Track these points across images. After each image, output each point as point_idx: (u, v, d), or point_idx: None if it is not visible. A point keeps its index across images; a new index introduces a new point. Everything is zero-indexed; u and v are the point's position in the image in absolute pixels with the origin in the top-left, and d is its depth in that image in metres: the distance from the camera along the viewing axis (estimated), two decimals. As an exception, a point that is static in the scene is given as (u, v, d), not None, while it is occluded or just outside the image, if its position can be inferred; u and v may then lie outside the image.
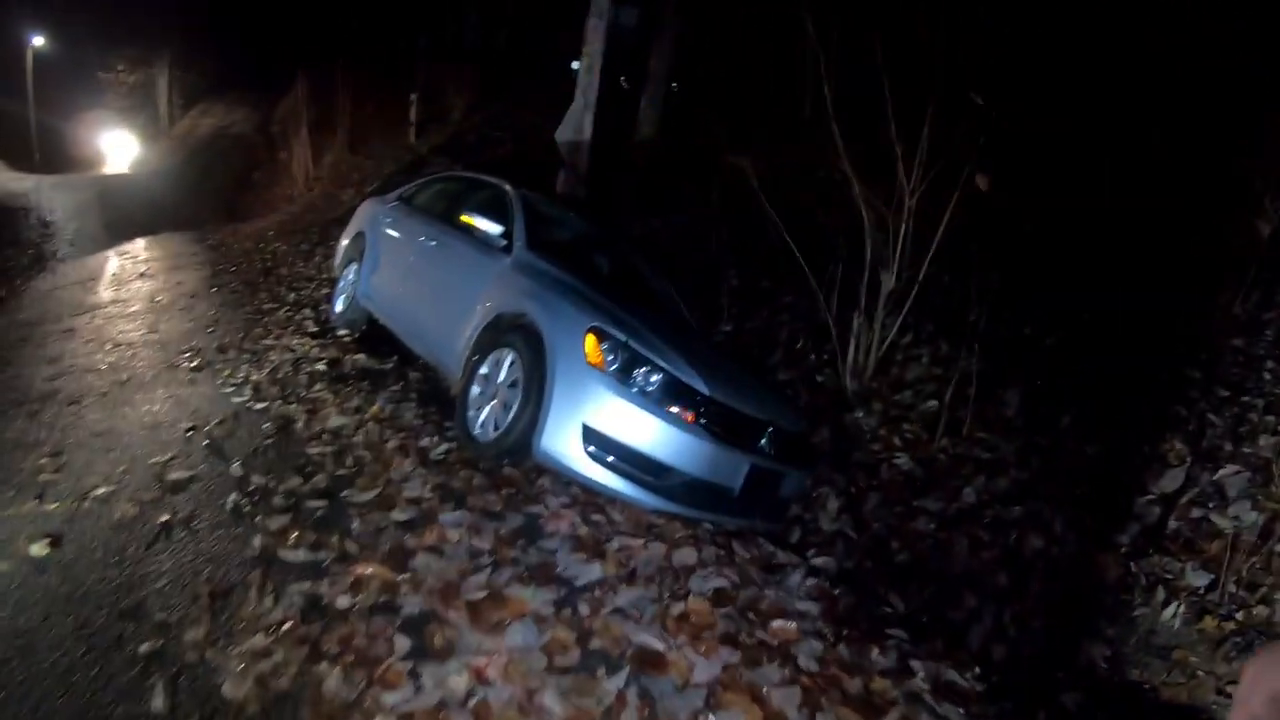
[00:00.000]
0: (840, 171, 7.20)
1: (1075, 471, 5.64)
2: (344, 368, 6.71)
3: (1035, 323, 7.52)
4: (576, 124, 10.99)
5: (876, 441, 6.52)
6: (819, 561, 5.17)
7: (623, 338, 4.73)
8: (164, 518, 4.22)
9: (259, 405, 5.82)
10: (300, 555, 3.85)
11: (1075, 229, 8.38)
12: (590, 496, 4.86)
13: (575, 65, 20.82)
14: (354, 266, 7.99)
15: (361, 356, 6.97)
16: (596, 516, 4.66)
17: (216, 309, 9.07)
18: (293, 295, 9.85)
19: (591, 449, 4.60)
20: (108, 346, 7.60)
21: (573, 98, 11.23)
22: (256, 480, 4.60)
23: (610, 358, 4.69)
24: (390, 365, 6.85)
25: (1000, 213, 7.71)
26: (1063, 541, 5.12)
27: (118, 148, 27.48)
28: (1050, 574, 4.95)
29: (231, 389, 6.19)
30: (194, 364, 6.86)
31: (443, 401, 6.02)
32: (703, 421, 4.77)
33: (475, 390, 5.31)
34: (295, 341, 7.44)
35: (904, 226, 6.91)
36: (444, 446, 5.18)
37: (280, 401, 5.87)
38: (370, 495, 4.48)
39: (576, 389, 4.65)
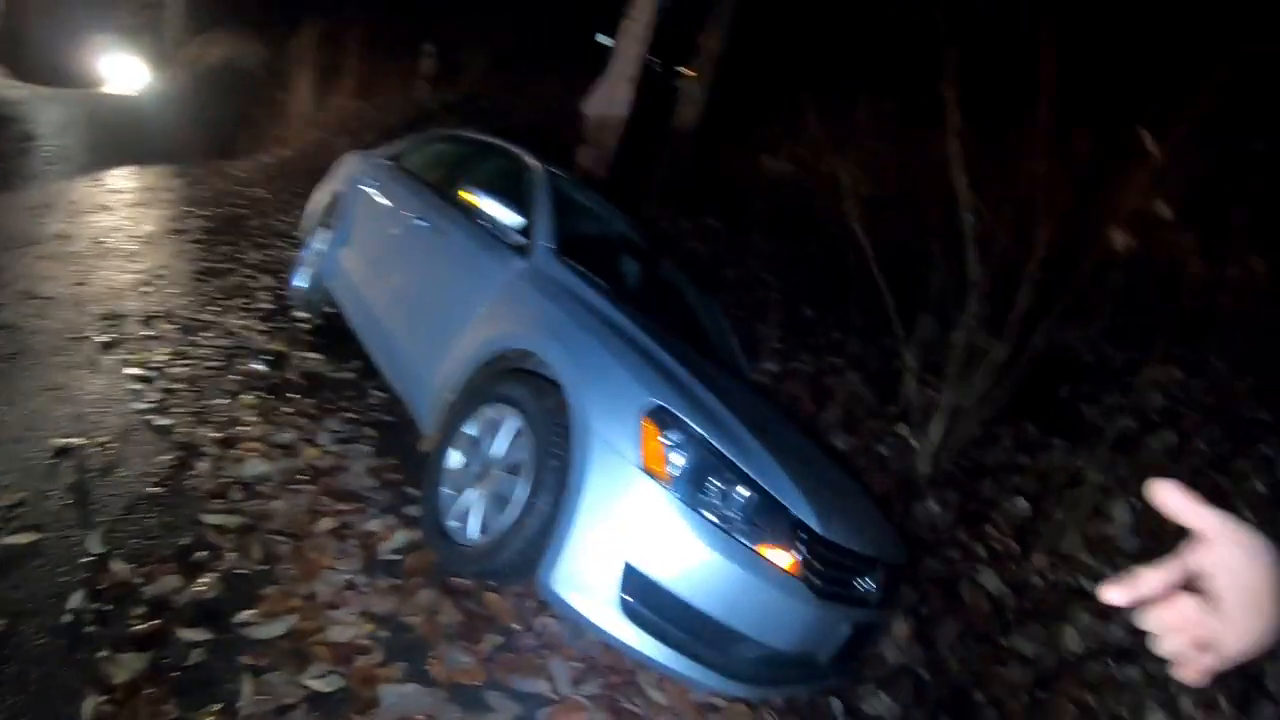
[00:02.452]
0: (950, 188, 5.49)
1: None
2: (288, 371, 4.99)
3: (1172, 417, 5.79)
4: (610, 96, 9.04)
5: (954, 546, 4.98)
6: (880, 707, 3.97)
7: (699, 430, 2.97)
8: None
9: (161, 420, 4.06)
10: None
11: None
12: (618, 659, 3.19)
13: (600, 38, 19.48)
14: (322, 234, 6.18)
15: (314, 357, 5.27)
16: (630, 705, 3.02)
17: (165, 261, 7.25)
18: (257, 255, 8.08)
19: (631, 601, 2.88)
20: (19, 298, 5.74)
21: (599, 72, 9.37)
22: (117, 570, 2.88)
23: (677, 459, 2.92)
24: (348, 375, 5.13)
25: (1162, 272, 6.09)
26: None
27: (121, 69, 25.55)
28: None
29: (137, 386, 4.42)
30: (106, 337, 5.04)
31: (410, 452, 4.27)
32: (807, 573, 3.05)
33: (455, 459, 3.55)
34: (239, 322, 5.68)
35: (1029, 279, 5.25)
36: (402, 537, 3.49)
37: (191, 418, 4.14)
38: (278, 630, 2.76)
39: (617, 503, 2.90)
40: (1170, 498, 1.03)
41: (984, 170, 5.59)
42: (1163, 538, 4.75)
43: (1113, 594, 1.02)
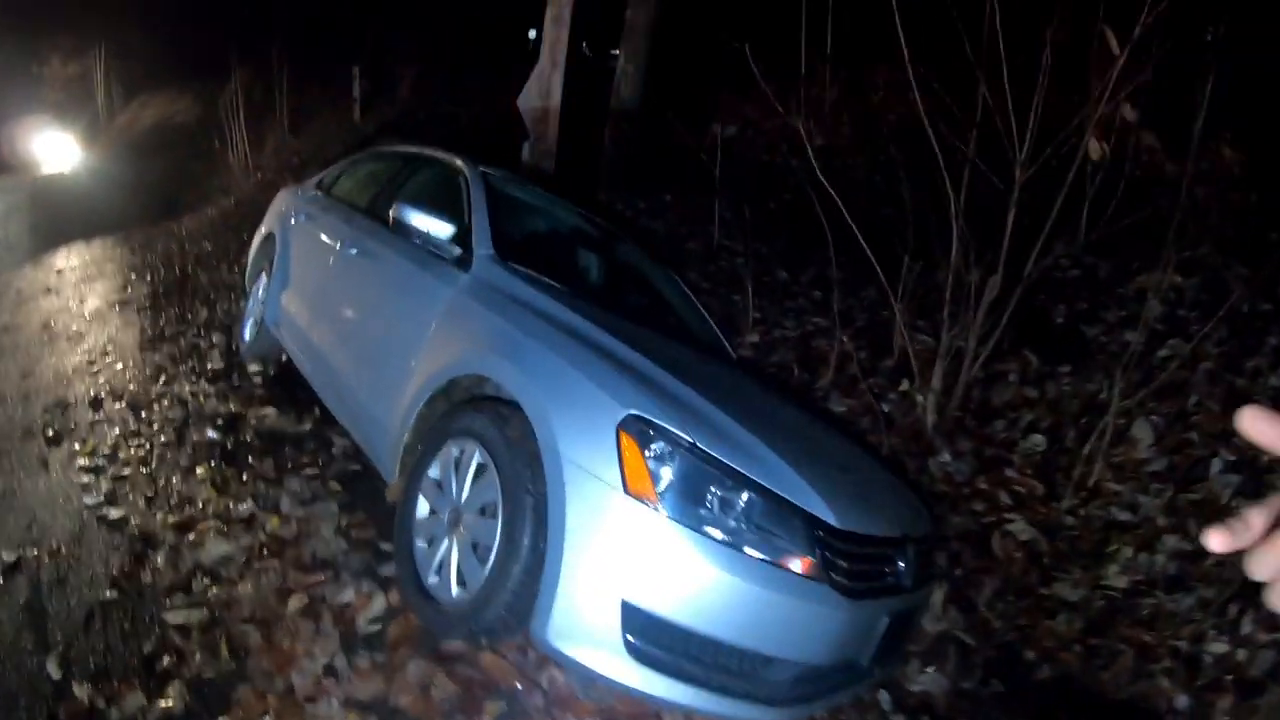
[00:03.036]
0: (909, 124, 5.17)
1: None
2: (244, 433, 4.61)
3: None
4: (543, 87, 8.59)
5: (977, 498, 4.68)
6: (926, 682, 3.62)
7: (683, 435, 2.58)
8: None
9: (114, 513, 3.72)
10: None
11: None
12: (638, 706, 2.84)
13: (532, 33, 19.07)
14: (263, 279, 5.78)
15: (269, 412, 4.87)
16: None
17: (112, 335, 6.87)
18: (205, 312, 7.65)
19: (636, 641, 2.48)
20: (-35, 403, 5.40)
21: (530, 66, 8.99)
22: (79, 695, 2.55)
23: (663, 473, 2.53)
24: (307, 427, 4.74)
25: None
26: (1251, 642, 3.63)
27: (54, 148, 25.01)
28: (1246, 688, 3.51)
29: (88, 478, 4.07)
30: (53, 430, 4.68)
31: (380, 501, 3.89)
32: (831, 573, 2.65)
33: (422, 508, 3.16)
34: (190, 387, 5.29)
35: (1011, 211, 4.93)
36: (380, 604, 3.10)
37: (145, 504, 3.80)
38: (254, 736, 2.38)
39: (603, 535, 2.52)
40: (1262, 426, 0.79)
41: (941, 95, 5.25)
42: (1189, 450, 4.60)
43: (1215, 541, 0.79)
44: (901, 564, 3.03)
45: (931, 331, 5.59)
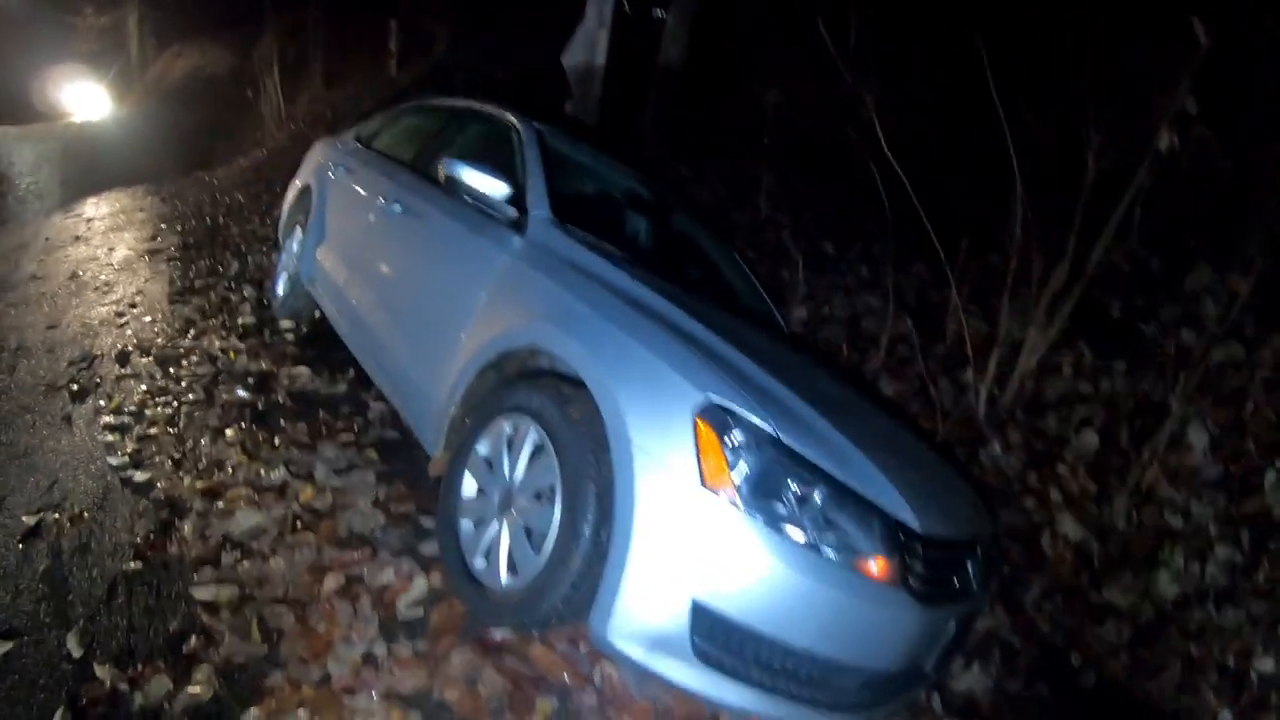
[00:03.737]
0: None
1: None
2: (275, 393, 4.41)
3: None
4: (588, 44, 8.31)
5: (1027, 494, 4.51)
6: (969, 681, 3.48)
7: (766, 427, 2.37)
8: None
9: (139, 476, 3.51)
10: None
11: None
12: (696, 708, 2.64)
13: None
14: (298, 234, 5.55)
15: (303, 371, 4.67)
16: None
17: (140, 287, 6.68)
18: (237, 264, 7.45)
19: (703, 644, 2.29)
20: (-15, 349, 5.23)
21: (570, 23, 8.72)
22: (101, 676, 2.35)
23: (741, 466, 2.32)
24: (341, 389, 4.54)
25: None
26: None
27: (86, 98, 24.89)
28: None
29: (112, 438, 3.86)
30: (77, 384, 4.51)
31: (420, 471, 3.68)
32: (910, 578, 2.46)
33: (469, 487, 2.95)
34: (219, 343, 5.08)
35: (1083, 200, 4.72)
36: (421, 585, 2.89)
37: (172, 466, 3.59)
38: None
39: (676, 530, 2.31)
40: None
41: (1014, 72, 5.01)
42: (1245, 459, 4.45)
43: None
44: (971, 568, 2.86)
45: (984, 317, 5.37)
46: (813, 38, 5.57)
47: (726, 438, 2.33)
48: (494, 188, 3.46)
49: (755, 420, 2.37)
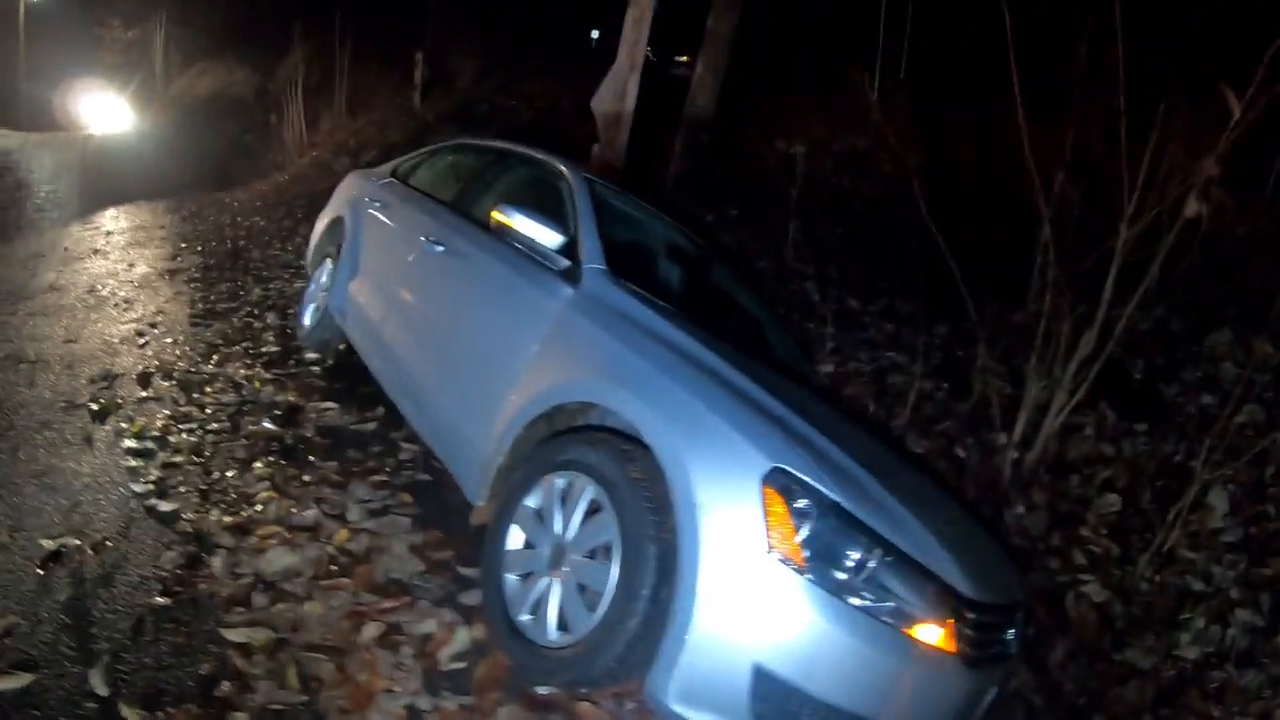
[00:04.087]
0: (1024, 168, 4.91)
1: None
2: (303, 427, 4.33)
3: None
4: (618, 89, 8.27)
5: (1051, 555, 4.48)
6: None
7: (830, 495, 2.36)
8: None
9: (165, 505, 3.42)
10: None
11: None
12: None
13: (595, 34, 18.88)
14: (328, 265, 5.49)
15: (331, 407, 4.59)
16: None
17: (161, 306, 6.64)
18: (258, 290, 7.40)
19: (763, 708, 2.28)
20: (7, 364, 5.09)
21: (592, 66, 8.70)
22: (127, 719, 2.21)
23: (805, 531, 2.32)
24: (371, 427, 4.46)
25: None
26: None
27: (108, 111, 24.95)
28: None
29: (135, 463, 3.77)
30: (98, 404, 4.41)
31: (455, 517, 3.61)
32: (960, 644, 2.47)
33: (516, 539, 2.89)
34: (244, 371, 5.03)
35: (1115, 266, 4.69)
36: (464, 637, 2.82)
37: (199, 498, 3.50)
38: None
39: (742, 595, 2.31)
40: None
41: (1040, 138, 5.01)
42: (1265, 522, 4.49)
43: None
44: (1012, 632, 2.88)
45: (1009, 377, 5.34)
46: (842, 91, 5.59)
47: (793, 505, 2.33)
48: (548, 237, 3.44)
49: (819, 487, 2.37)
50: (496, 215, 3.49)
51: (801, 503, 2.34)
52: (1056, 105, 4.95)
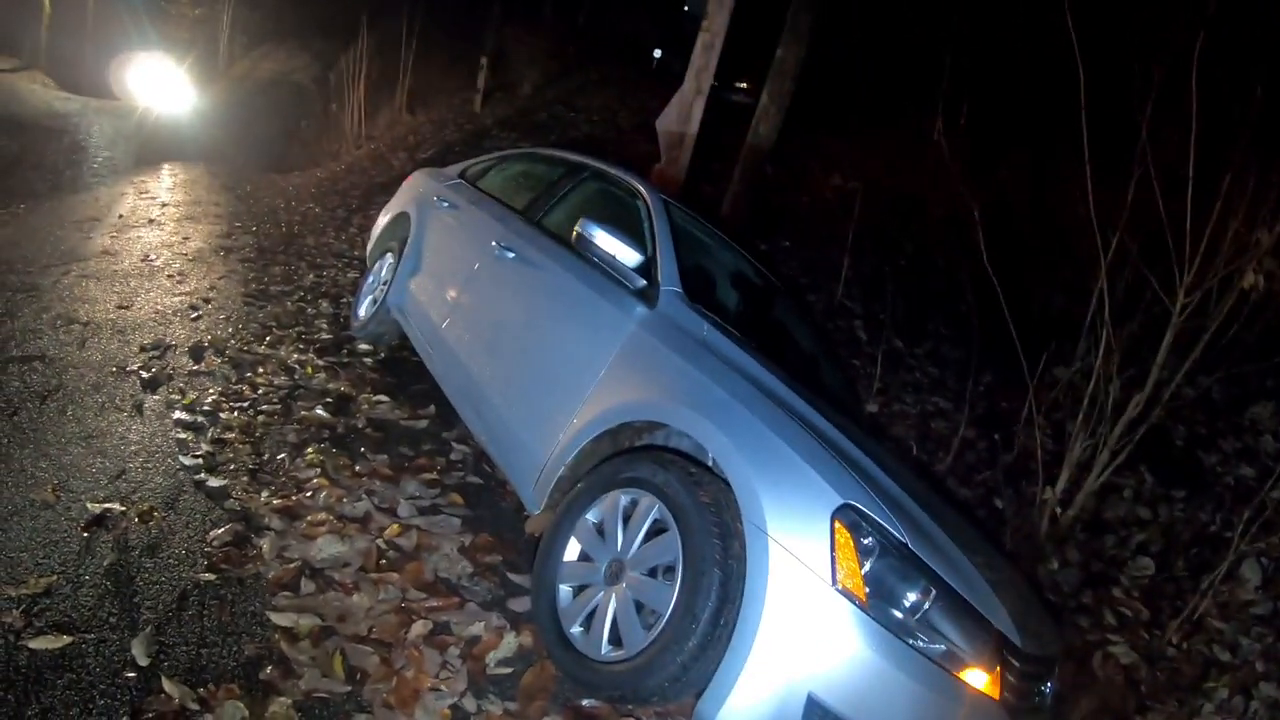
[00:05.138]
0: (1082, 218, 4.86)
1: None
2: (355, 419, 4.29)
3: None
4: (684, 112, 8.29)
5: (1082, 612, 4.50)
6: None
7: (897, 535, 2.37)
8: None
9: (214, 481, 3.40)
10: None
11: None
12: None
13: (657, 53, 18.91)
14: (389, 259, 5.45)
15: (383, 400, 4.56)
16: None
17: (215, 283, 6.62)
18: (312, 276, 7.38)
19: None
20: (59, 324, 5.12)
21: (653, 85, 8.66)
22: (169, 692, 2.21)
23: (869, 568, 2.33)
24: (423, 425, 4.41)
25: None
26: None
27: (171, 85, 25.12)
28: None
29: (185, 434, 3.76)
30: (149, 372, 4.41)
31: (505, 523, 3.61)
32: (1005, 691, 2.48)
33: (572, 551, 2.87)
34: (296, 356, 5.01)
35: (1171, 333, 4.66)
36: (512, 643, 2.79)
37: (247, 479, 3.47)
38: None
39: (802, 625, 2.29)
40: None
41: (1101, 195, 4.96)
42: None
43: None
44: (1049, 684, 2.88)
45: (1051, 432, 5.28)
46: (902, 132, 5.55)
47: (860, 541, 2.34)
48: (627, 255, 3.40)
49: (887, 526, 2.38)
50: (578, 229, 3.46)
51: (868, 540, 2.35)
52: (1120, 163, 4.87)
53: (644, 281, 3.43)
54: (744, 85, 11.81)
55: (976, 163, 8.48)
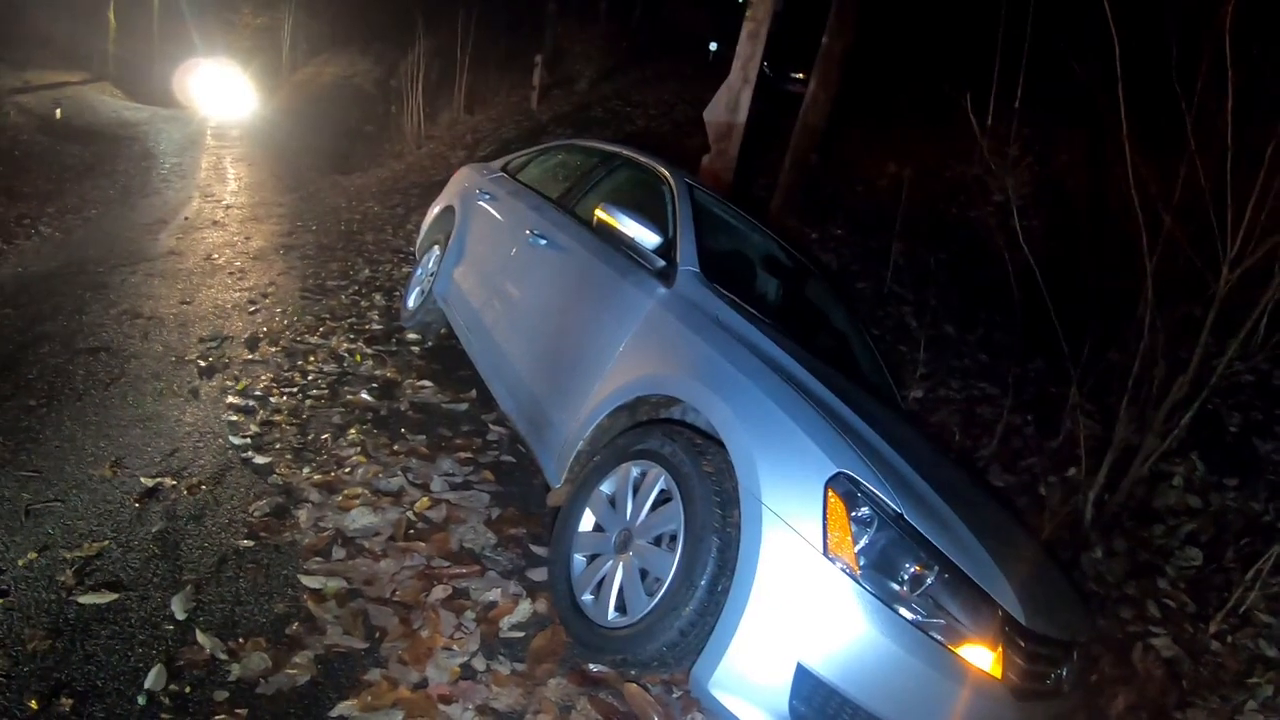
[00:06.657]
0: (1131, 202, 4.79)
1: None
2: (398, 402, 4.48)
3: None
4: (731, 102, 8.31)
5: (1124, 603, 4.31)
6: None
7: (893, 505, 2.38)
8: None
9: (260, 459, 3.62)
10: None
11: None
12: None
13: (713, 46, 18.93)
14: (435, 251, 5.64)
15: (426, 386, 4.73)
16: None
17: (274, 279, 6.91)
18: (367, 271, 7.61)
19: (801, 707, 2.30)
20: (124, 318, 5.44)
21: (709, 78, 8.72)
22: (201, 642, 2.42)
23: (863, 539, 2.34)
24: (463, 408, 4.57)
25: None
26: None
27: (236, 92, 25.68)
28: None
29: (236, 418, 4.01)
30: (206, 361, 4.69)
31: (532, 499, 3.74)
32: (1008, 670, 2.44)
33: (587, 522, 2.97)
34: (346, 345, 5.21)
35: (1213, 311, 4.49)
36: (526, 609, 2.91)
37: (291, 457, 3.68)
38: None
39: (794, 594, 2.33)
40: None
41: (1152, 174, 4.91)
42: None
43: None
44: (1065, 670, 2.82)
45: (1100, 418, 5.24)
46: (955, 117, 5.53)
47: (854, 511, 2.35)
48: (646, 237, 3.49)
49: (882, 496, 2.38)
50: (599, 213, 3.56)
51: (863, 510, 2.36)
52: (1172, 141, 4.82)
53: (663, 262, 3.51)
54: (799, 75, 11.74)
55: (1034, 144, 8.42)
